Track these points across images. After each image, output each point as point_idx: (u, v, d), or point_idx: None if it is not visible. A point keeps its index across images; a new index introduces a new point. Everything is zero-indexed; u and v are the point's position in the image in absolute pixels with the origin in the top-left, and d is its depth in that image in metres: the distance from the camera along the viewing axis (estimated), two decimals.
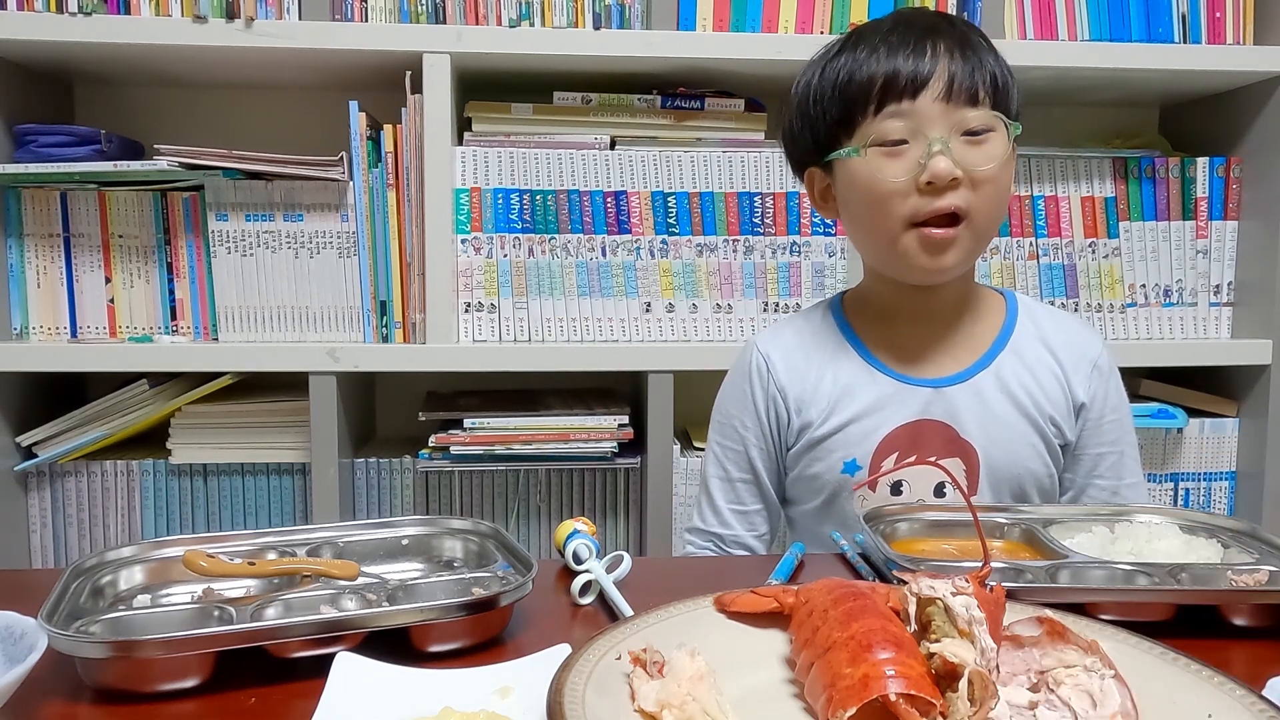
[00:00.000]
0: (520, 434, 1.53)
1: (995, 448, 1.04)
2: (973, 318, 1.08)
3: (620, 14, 1.51)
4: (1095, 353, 1.08)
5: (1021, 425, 1.05)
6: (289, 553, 0.80)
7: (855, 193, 1.00)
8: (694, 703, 0.54)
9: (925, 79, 0.95)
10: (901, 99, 0.95)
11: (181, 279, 1.53)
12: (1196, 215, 1.64)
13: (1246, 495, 1.67)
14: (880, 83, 0.96)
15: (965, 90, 0.95)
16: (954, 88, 0.95)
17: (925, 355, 1.06)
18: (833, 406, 1.06)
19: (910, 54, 0.96)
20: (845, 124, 0.99)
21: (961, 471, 1.04)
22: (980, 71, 0.96)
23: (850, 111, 0.98)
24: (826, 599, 0.63)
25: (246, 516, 1.56)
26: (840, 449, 1.05)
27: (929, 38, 0.97)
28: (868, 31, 1.01)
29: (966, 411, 1.04)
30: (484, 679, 0.63)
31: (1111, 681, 0.57)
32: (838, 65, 1.00)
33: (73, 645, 0.61)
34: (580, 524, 0.87)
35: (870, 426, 1.04)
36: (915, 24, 0.99)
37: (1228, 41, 1.60)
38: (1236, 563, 0.79)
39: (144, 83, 1.69)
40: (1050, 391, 1.06)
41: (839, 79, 0.99)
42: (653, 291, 1.55)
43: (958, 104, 0.95)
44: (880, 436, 1.04)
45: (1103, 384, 1.08)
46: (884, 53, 0.97)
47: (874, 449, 1.04)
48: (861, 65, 0.97)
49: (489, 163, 1.51)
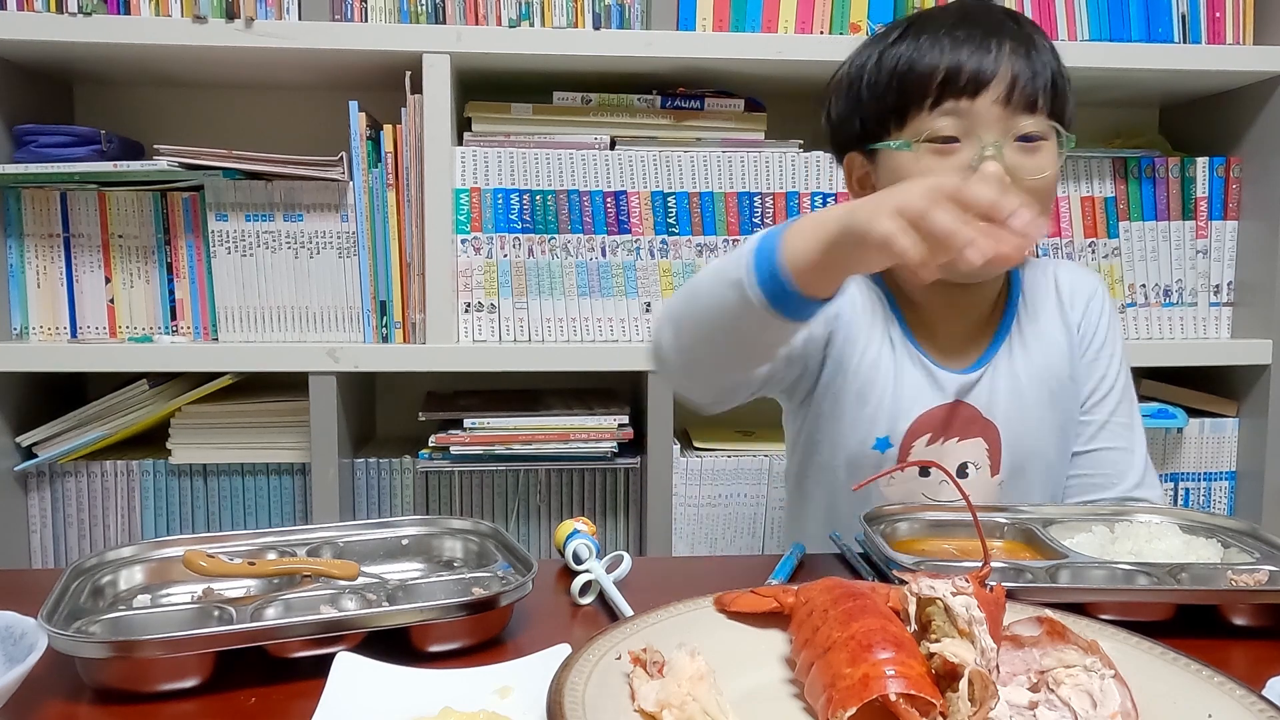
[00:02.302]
0: (520, 434, 1.53)
1: (1016, 425, 1.05)
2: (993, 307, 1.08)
3: (620, 14, 1.51)
4: (1087, 291, 1.10)
5: (1038, 397, 1.05)
6: (289, 553, 0.80)
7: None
8: (694, 703, 0.54)
9: (987, 79, 0.93)
10: (960, 97, 0.93)
11: (181, 279, 1.53)
12: (1196, 215, 1.64)
13: (1246, 495, 1.67)
14: (941, 77, 0.94)
15: (1025, 95, 0.94)
16: (1014, 92, 0.93)
17: (955, 343, 1.06)
18: (870, 376, 1.04)
19: (975, 51, 0.93)
20: (898, 114, 0.97)
21: (985, 451, 1.04)
22: (1042, 77, 0.95)
23: (905, 102, 0.96)
24: (826, 599, 0.63)
25: (246, 516, 1.56)
26: (868, 424, 1.04)
27: (995, 36, 0.94)
28: (930, 20, 0.98)
29: (986, 393, 1.04)
30: (484, 679, 0.63)
31: (1111, 681, 0.57)
32: (897, 52, 0.97)
33: (73, 645, 0.61)
34: (580, 524, 0.87)
35: (903, 406, 1.03)
36: (981, 19, 0.97)
37: (1228, 41, 1.60)
38: (1236, 563, 0.79)
39: (144, 83, 1.69)
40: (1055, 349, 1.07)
41: (898, 66, 0.96)
42: (653, 291, 1.55)
43: (1016, 109, 0.94)
44: (912, 418, 1.03)
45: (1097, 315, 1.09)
46: (948, 45, 0.94)
47: (906, 429, 1.03)
48: (923, 56, 0.95)
49: (489, 163, 1.51)
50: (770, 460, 1.59)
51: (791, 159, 1.56)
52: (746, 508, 1.61)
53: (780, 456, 1.59)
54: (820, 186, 1.56)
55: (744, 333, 0.85)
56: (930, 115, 0.95)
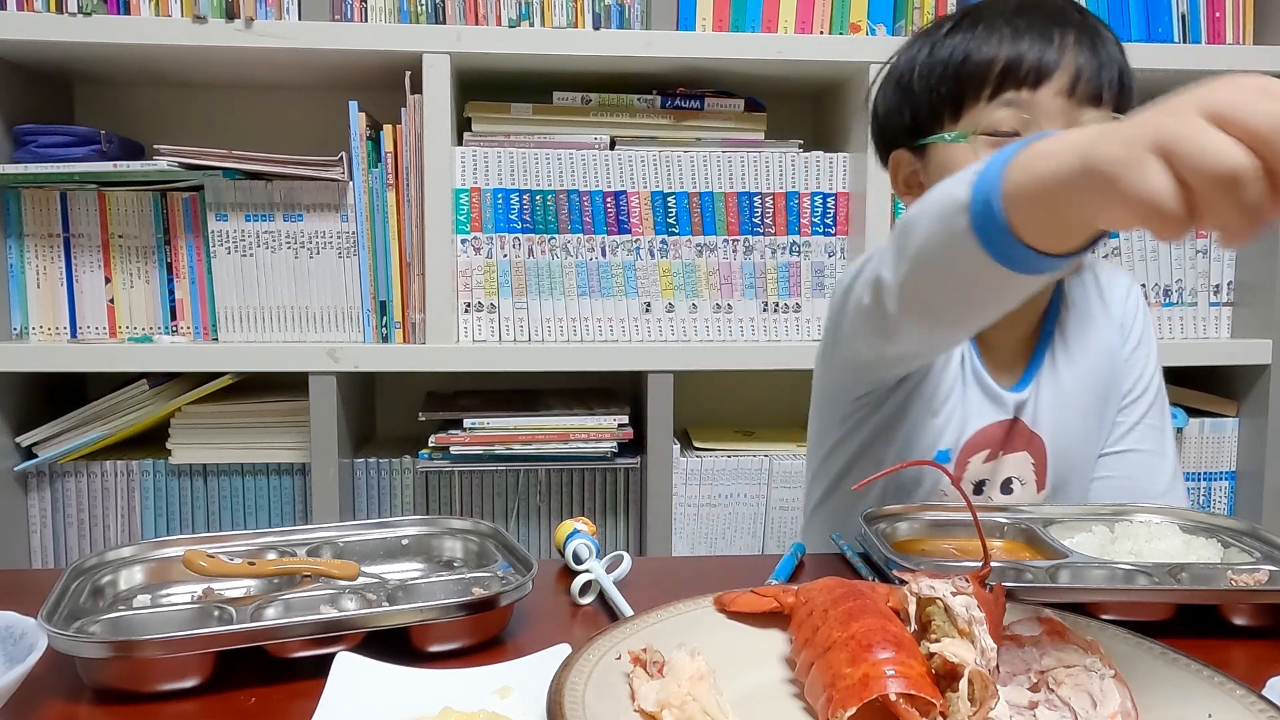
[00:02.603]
0: (520, 434, 1.53)
1: (1062, 438, 1.02)
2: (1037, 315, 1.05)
3: (620, 14, 1.51)
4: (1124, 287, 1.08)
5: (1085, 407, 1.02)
6: (289, 553, 0.80)
7: None
8: (694, 703, 0.54)
9: (1050, 70, 0.88)
10: (1021, 88, 0.89)
11: (181, 279, 1.53)
12: None
13: (1246, 495, 1.67)
14: (1000, 67, 0.89)
15: (1090, 88, 0.89)
16: (1079, 84, 0.88)
17: (1007, 356, 1.03)
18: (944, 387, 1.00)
19: (1036, 40, 0.89)
20: (953, 106, 0.92)
21: (1030, 466, 1.02)
22: (1108, 70, 0.90)
23: (960, 93, 0.91)
24: (826, 599, 0.63)
25: (246, 516, 1.56)
26: (935, 434, 1.00)
27: (1058, 25, 0.90)
28: (988, 10, 0.93)
29: (1030, 406, 1.01)
30: (484, 679, 0.63)
31: (1111, 681, 0.57)
32: (952, 43, 0.92)
33: (73, 645, 0.61)
34: (580, 524, 0.87)
35: (968, 421, 1.00)
36: (1044, 7, 0.92)
37: (1228, 41, 1.60)
38: (1236, 563, 0.79)
39: (144, 83, 1.69)
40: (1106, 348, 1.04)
41: (953, 56, 0.92)
42: (653, 291, 1.55)
43: (1080, 102, 0.89)
44: (973, 432, 1.00)
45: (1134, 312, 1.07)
46: (1008, 35, 0.90)
47: (965, 443, 1.00)
48: (981, 46, 0.90)
49: (489, 163, 1.51)
50: (770, 460, 1.59)
51: (791, 159, 1.56)
52: (746, 508, 1.61)
53: (781, 456, 1.59)
54: (820, 186, 1.56)
55: (965, 274, 0.70)
56: (988, 107, 0.90)
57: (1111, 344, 1.05)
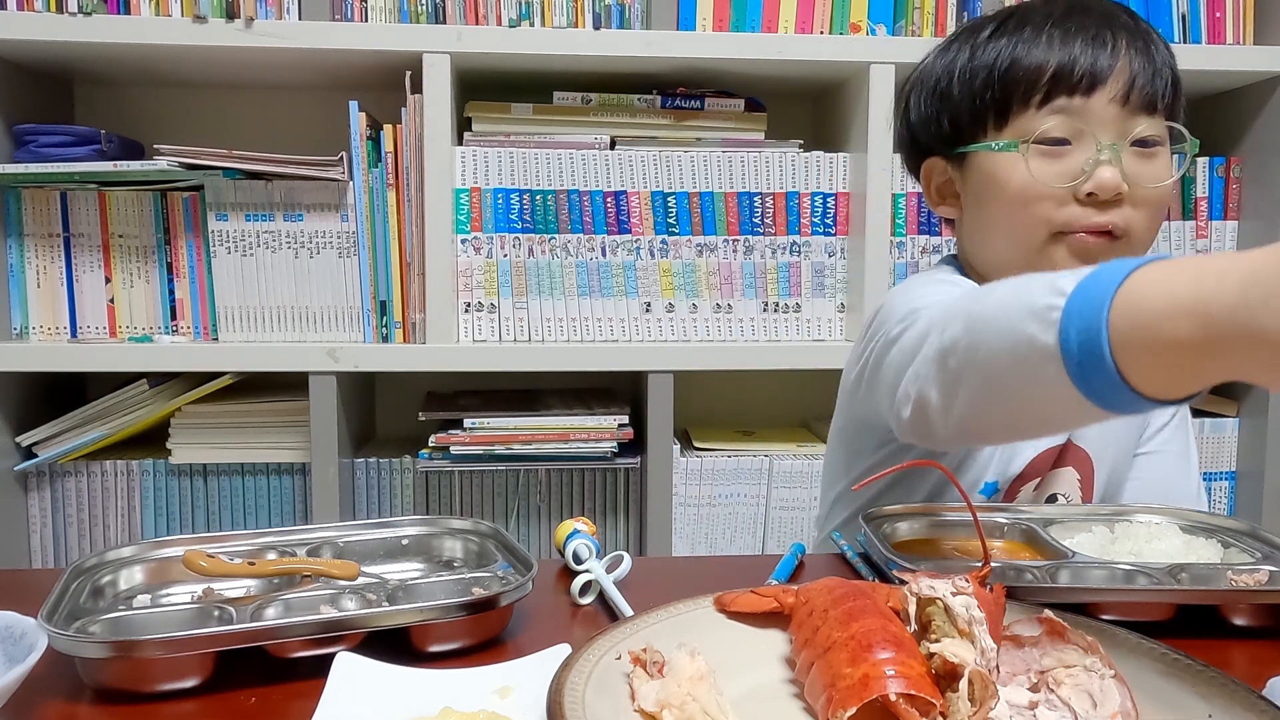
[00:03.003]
0: (520, 434, 1.53)
1: (1111, 448, 0.98)
2: None
3: (620, 14, 1.51)
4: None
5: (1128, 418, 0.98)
6: (289, 553, 0.80)
7: (997, 192, 0.89)
8: (694, 703, 0.54)
9: (1104, 75, 0.85)
10: (1074, 94, 0.85)
11: (181, 279, 1.53)
12: (1196, 215, 1.64)
13: (1246, 495, 1.67)
14: (1051, 72, 0.85)
15: (1144, 94, 0.86)
16: (1133, 90, 0.85)
17: None
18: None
19: (1089, 44, 0.85)
20: (999, 113, 0.88)
21: (1076, 482, 0.98)
22: (1162, 76, 0.87)
23: (1007, 99, 0.87)
24: (826, 599, 0.62)
25: (246, 516, 1.56)
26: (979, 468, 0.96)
27: (1109, 29, 0.86)
28: (1034, 12, 0.89)
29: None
30: (484, 679, 0.63)
31: (1111, 681, 0.57)
32: (997, 46, 0.88)
33: (73, 645, 0.61)
34: (580, 524, 0.87)
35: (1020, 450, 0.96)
36: (1092, 10, 0.88)
37: (1228, 41, 1.60)
38: (1236, 563, 0.79)
39: (144, 83, 1.69)
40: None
41: (998, 61, 0.88)
42: (653, 291, 1.55)
43: (1135, 109, 0.86)
44: (1025, 462, 0.95)
45: None
46: (1058, 38, 0.86)
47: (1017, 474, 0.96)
48: (1030, 49, 0.86)
49: (489, 163, 1.51)
50: (770, 460, 1.59)
51: (791, 159, 1.56)
52: (746, 508, 1.61)
53: (781, 456, 1.59)
54: (820, 186, 1.56)
55: (1050, 411, 0.62)
56: (1038, 114, 0.86)
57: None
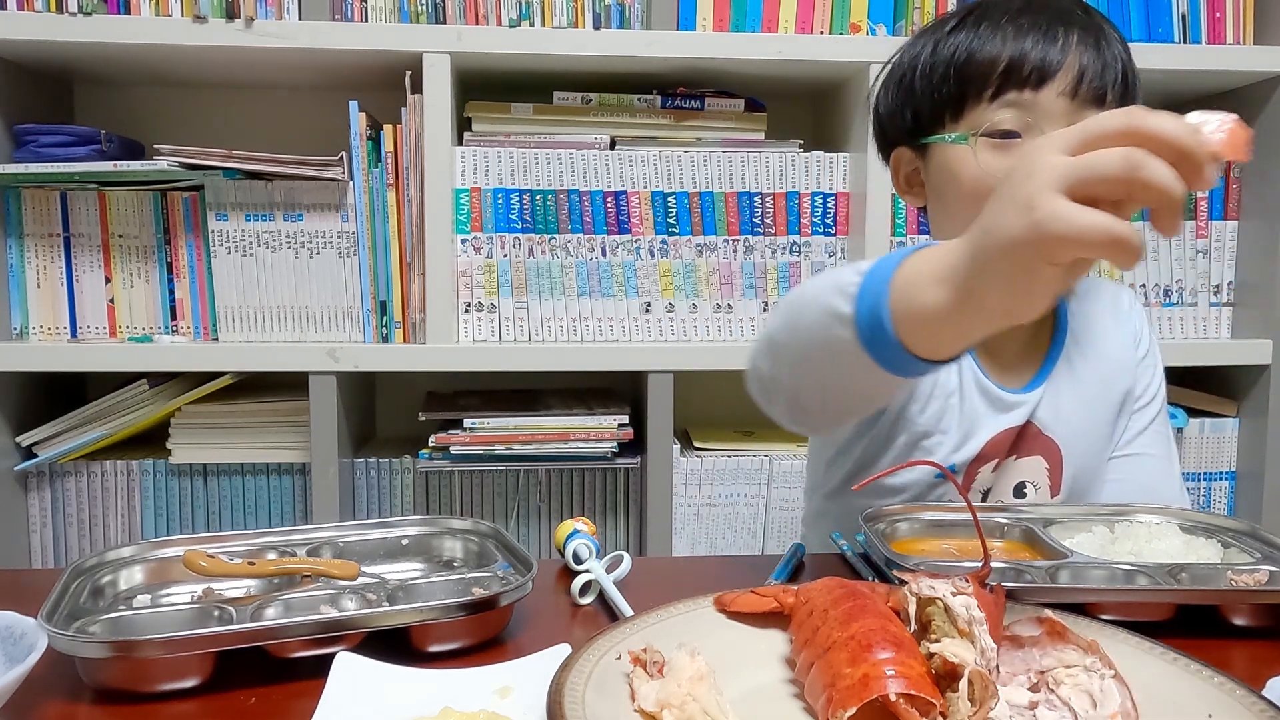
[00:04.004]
0: (520, 434, 1.53)
1: (1079, 441, 1.01)
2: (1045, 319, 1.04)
3: (620, 14, 1.51)
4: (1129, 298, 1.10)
5: (1100, 413, 1.03)
6: (289, 553, 0.80)
7: (953, 184, 0.93)
8: (694, 703, 0.54)
9: (1053, 70, 0.87)
10: (1023, 88, 0.88)
11: (181, 279, 1.53)
12: (1196, 215, 1.64)
13: (1246, 495, 1.67)
14: (1003, 66, 0.88)
15: (1094, 88, 0.88)
16: (1082, 84, 0.88)
17: (1009, 359, 1.02)
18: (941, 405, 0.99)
19: (1040, 40, 0.88)
20: (955, 106, 0.92)
21: (1045, 470, 1.01)
22: (1112, 69, 0.89)
23: (962, 93, 0.91)
24: (826, 599, 0.63)
25: (246, 516, 1.56)
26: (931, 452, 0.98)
27: (1062, 24, 0.89)
28: (992, 8, 0.92)
29: (1046, 408, 1.00)
30: (484, 679, 0.63)
31: (1111, 681, 0.57)
32: (955, 41, 0.92)
33: (73, 645, 0.61)
34: (580, 524, 0.87)
35: (974, 433, 0.99)
36: (1047, 6, 0.91)
37: (1228, 41, 1.60)
38: (1236, 563, 0.79)
39: (144, 83, 1.69)
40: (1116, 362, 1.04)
41: (955, 55, 0.91)
42: (653, 291, 1.55)
43: (1083, 102, 0.88)
44: (981, 444, 0.98)
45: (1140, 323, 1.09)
46: (1010, 34, 0.89)
47: (975, 455, 0.99)
48: (984, 44, 0.90)
49: (489, 163, 1.51)
50: (770, 460, 1.59)
51: (791, 159, 1.56)
52: (746, 508, 1.61)
53: (781, 456, 1.59)
54: (820, 186, 1.56)
55: (849, 376, 0.71)
56: (989, 107, 0.90)
57: (1124, 349, 1.05)
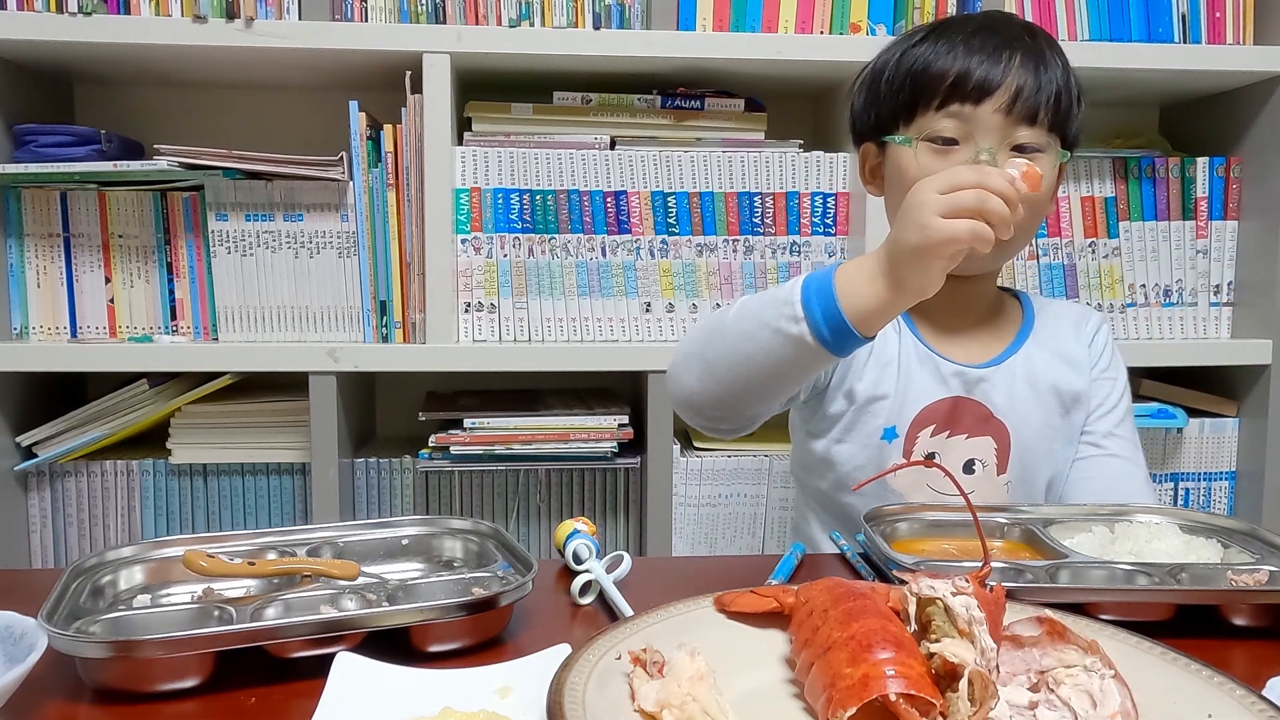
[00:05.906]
0: (520, 434, 1.53)
1: (1026, 428, 1.08)
2: (998, 313, 1.14)
3: (620, 14, 1.51)
4: (1096, 321, 1.17)
5: (1050, 405, 1.09)
6: (289, 553, 0.80)
7: (899, 180, 1.02)
8: (694, 703, 0.54)
9: (992, 87, 0.97)
10: (965, 101, 0.98)
11: (181, 279, 1.53)
12: (1196, 215, 1.64)
13: (1246, 495, 1.67)
14: (950, 80, 0.99)
15: (1027, 107, 0.98)
16: (1017, 102, 0.97)
17: (959, 340, 1.10)
18: (879, 372, 1.07)
19: (985, 60, 0.98)
20: (908, 111, 1.02)
21: (993, 450, 1.08)
22: (1046, 91, 0.99)
23: (915, 101, 1.01)
24: (826, 599, 0.63)
25: (246, 516, 1.56)
26: (881, 415, 1.07)
27: (1007, 47, 0.99)
28: (954, 26, 1.03)
29: (1000, 394, 1.08)
30: (484, 679, 0.63)
31: (1111, 681, 0.57)
32: (917, 53, 1.02)
33: (73, 645, 0.61)
34: (580, 524, 0.87)
35: (911, 396, 1.07)
36: (999, 30, 1.01)
37: (1228, 41, 1.60)
38: (1236, 563, 0.79)
39: (144, 83, 1.69)
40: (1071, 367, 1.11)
41: (914, 66, 1.02)
42: (653, 291, 1.55)
43: (1017, 119, 0.98)
44: (919, 408, 1.07)
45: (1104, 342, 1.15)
46: (962, 51, 0.99)
47: (912, 419, 1.07)
48: (938, 59, 1.00)
49: (489, 163, 1.51)
50: (770, 460, 1.59)
51: (791, 159, 1.56)
52: (746, 508, 1.61)
53: (780, 456, 1.59)
54: (820, 186, 1.56)
55: (788, 372, 0.89)
56: (935, 116, 1.00)
57: (1079, 358, 1.13)
